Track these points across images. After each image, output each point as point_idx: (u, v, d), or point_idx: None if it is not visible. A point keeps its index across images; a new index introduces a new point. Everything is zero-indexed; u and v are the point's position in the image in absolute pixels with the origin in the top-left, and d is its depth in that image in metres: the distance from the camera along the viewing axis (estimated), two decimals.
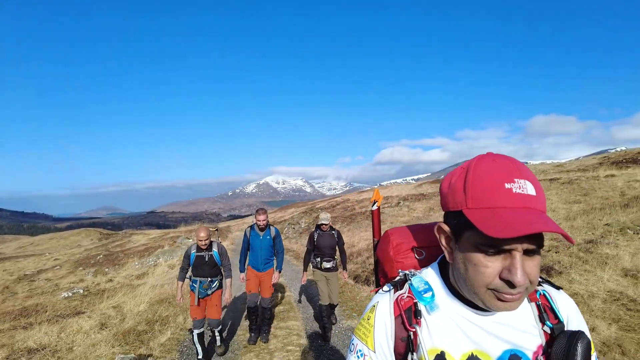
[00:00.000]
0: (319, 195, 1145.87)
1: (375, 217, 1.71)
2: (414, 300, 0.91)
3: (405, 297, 0.93)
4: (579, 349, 0.82)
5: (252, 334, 5.45)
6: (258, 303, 5.50)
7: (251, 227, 5.46)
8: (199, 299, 4.75)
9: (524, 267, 0.76)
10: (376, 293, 1.01)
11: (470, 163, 0.84)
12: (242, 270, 5.58)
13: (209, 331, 5.16)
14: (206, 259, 4.79)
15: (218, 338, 5.06)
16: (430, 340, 0.88)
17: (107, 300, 6.88)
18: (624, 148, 34.37)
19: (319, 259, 5.72)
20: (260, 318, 5.57)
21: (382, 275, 1.21)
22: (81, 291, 9.85)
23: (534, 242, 0.76)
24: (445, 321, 0.89)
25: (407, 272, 0.99)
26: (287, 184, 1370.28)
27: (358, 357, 0.94)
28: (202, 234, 4.73)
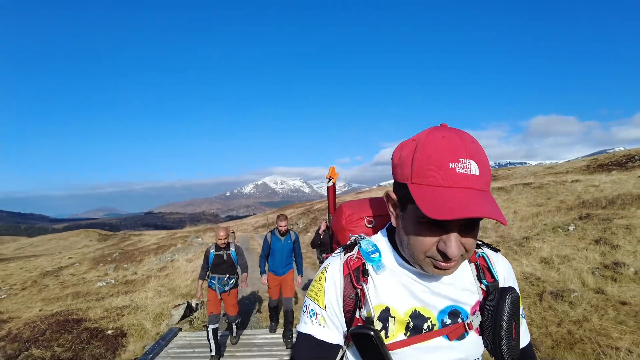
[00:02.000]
0: (317, 195, 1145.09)
1: (331, 193, 1.77)
2: (362, 261, 0.97)
3: (354, 257, 0.98)
4: (507, 301, 0.92)
5: (272, 323, 5.89)
6: (281, 305, 5.80)
7: (272, 232, 5.68)
8: (220, 294, 5.12)
9: (460, 240, 0.82)
10: (328, 257, 1.07)
11: (420, 137, 0.85)
12: (263, 272, 5.76)
13: (225, 324, 5.56)
14: (224, 258, 5.13)
15: (235, 330, 5.46)
16: (376, 297, 0.94)
17: (150, 283, 8.71)
18: (622, 148, 35.08)
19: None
20: (285, 322, 5.67)
21: (335, 244, 1.29)
22: (112, 281, 11.60)
23: (471, 220, 0.81)
24: (391, 280, 0.94)
25: (357, 236, 1.04)
26: (286, 184, 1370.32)
27: (310, 316, 0.98)
28: (222, 233, 5.16)
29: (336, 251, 1.04)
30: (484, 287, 0.99)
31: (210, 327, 4.97)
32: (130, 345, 5.29)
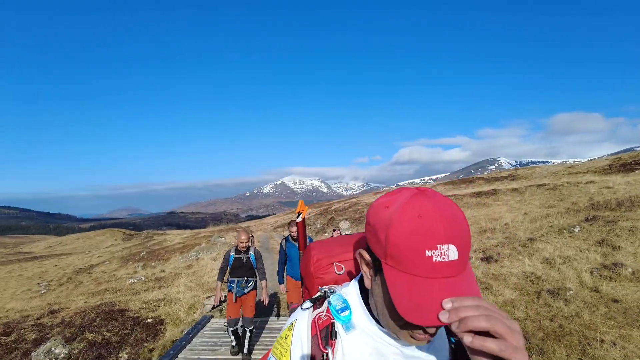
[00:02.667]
0: (335, 195, 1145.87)
1: (300, 229, 1.70)
2: (332, 320, 0.91)
3: (323, 315, 0.93)
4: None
5: None
6: None
7: (286, 238, 5.71)
8: (236, 297, 5.22)
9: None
10: (295, 309, 1.01)
11: (395, 211, 0.78)
12: (281, 282, 5.83)
13: (241, 329, 5.54)
14: (244, 261, 5.24)
15: (247, 343, 5.27)
16: None
17: (180, 280, 9.51)
18: None
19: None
20: None
21: (304, 289, 1.22)
22: (143, 278, 12.48)
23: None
24: (361, 341, 0.89)
25: (326, 289, 0.98)
26: (304, 184, 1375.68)
27: None
28: (244, 237, 5.22)
29: (303, 305, 0.98)
30: (453, 345, 0.93)
31: (230, 329, 5.26)
32: (167, 331, 6.06)
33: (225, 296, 5.94)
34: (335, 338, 0.89)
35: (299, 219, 1.82)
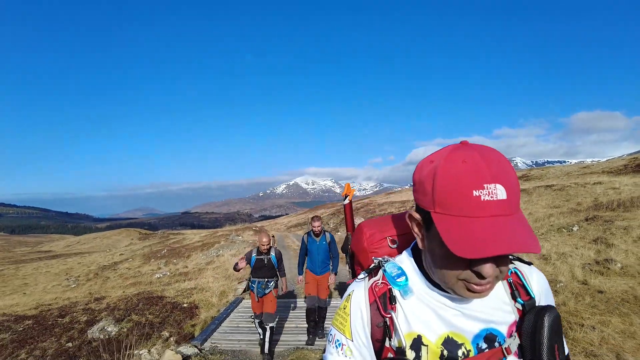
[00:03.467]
0: None
1: (347, 211, 1.64)
2: (388, 286, 0.92)
3: (379, 283, 0.93)
4: (546, 321, 0.87)
5: (310, 336, 5.87)
6: (316, 305, 5.88)
7: (308, 233, 5.88)
8: (258, 297, 5.39)
9: (494, 260, 0.78)
10: (351, 283, 1.02)
11: (439, 160, 0.80)
12: (300, 273, 6.04)
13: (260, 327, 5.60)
14: (265, 262, 5.36)
15: (267, 342, 5.34)
16: (407, 325, 0.89)
17: (207, 272, 10.37)
18: None
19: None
20: (318, 316, 5.92)
21: (358, 266, 1.23)
22: (168, 273, 13.39)
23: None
24: (420, 305, 0.90)
25: (380, 259, 0.99)
26: (317, 184, 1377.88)
27: (336, 347, 0.95)
28: (265, 239, 5.36)
29: (359, 276, 1.00)
30: (519, 306, 0.93)
31: (257, 320, 5.54)
32: (202, 314, 6.94)
33: (248, 292, 6.15)
34: (395, 303, 0.90)
35: (346, 201, 1.72)
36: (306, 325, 5.99)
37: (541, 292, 0.97)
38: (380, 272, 0.96)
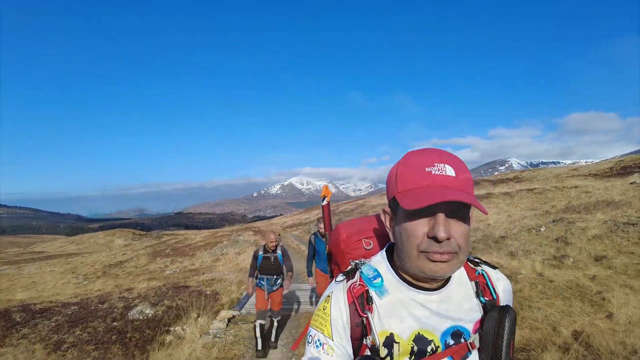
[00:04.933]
0: (343, 196, 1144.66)
1: (326, 212, 1.81)
2: (365, 288, 0.99)
3: (357, 285, 1.00)
4: (507, 319, 0.96)
5: None
6: None
7: (315, 234, 5.99)
8: (267, 294, 5.55)
9: (448, 226, 0.87)
10: (330, 284, 1.08)
11: (404, 157, 0.97)
12: (310, 274, 6.18)
13: (268, 321, 5.81)
14: (272, 260, 5.50)
15: (274, 332, 5.68)
16: (380, 324, 0.96)
17: (219, 267, 11.59)
18: None
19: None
20: None
21: (335, 266, 1.35)
22: (177, 270, 14.55)
23: (455, 209, 0.87)
24: (394, 304, 0.97)
25: (357, 261, 1.06)
26: (312, 185, 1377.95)
27: (317, 346, 0.98)
28: (272, 237, 5.56)
29: (337, 278, 1.05)
30: (482, 304, 1.01)
31: (258, 322, 5.45)
32: (223, 299, 8.14)
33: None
34: (372, 303, 0.97)
35: (324, 203, 1.96)
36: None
37: (504, 294, 1.07)
38: (357, 274, 1.02)
